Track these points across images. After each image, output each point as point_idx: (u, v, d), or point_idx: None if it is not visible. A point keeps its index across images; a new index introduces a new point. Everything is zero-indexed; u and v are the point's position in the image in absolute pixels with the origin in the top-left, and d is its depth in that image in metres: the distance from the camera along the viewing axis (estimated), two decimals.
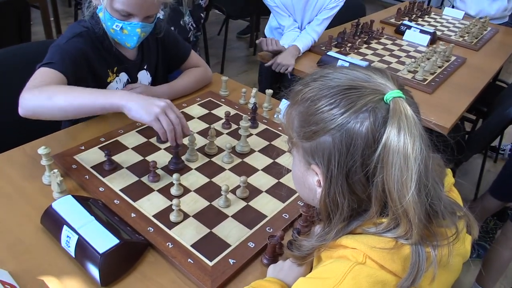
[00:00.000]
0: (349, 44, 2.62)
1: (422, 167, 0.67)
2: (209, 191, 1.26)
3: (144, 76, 1.67)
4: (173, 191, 1.24)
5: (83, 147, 1.38)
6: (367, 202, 0.72)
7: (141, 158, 1.37)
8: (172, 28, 2.34)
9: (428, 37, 2.81)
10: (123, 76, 1.61)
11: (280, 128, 1.60)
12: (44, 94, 1.23)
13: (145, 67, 1.67)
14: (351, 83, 0.72)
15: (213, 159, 1.40)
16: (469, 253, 0.82)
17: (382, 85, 0.71)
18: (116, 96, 1.23)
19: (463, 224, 0.76)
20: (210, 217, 1.18)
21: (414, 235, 0.68)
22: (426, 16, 3.51)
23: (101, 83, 1.54)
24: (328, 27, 2.63)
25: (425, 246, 0.69)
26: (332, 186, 0.73)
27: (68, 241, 1.01)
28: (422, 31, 2.90)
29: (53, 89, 1.25)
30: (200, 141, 1.46)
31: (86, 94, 1.24)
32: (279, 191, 1.29)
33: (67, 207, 1.08)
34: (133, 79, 1.63)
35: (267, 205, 1.24)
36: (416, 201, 0.66)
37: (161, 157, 1.38)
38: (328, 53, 2.34)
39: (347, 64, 2.20)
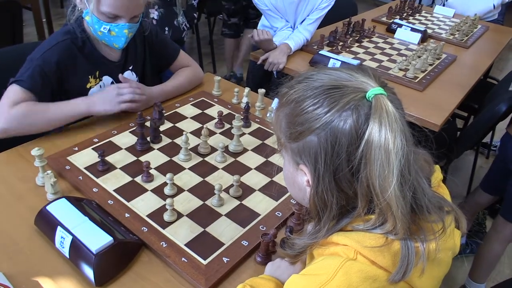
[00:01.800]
0: (341, 43, 2.63)
1: (403, 162, 0.68)
2: (203, 190, 1.27)
3: (129, 77, 1.68)
4: (167, 190, 1.24)
5: (76, 148, 1.39)
6: (355, 199, 0.73)
7: (134, 158, 1.37)
8: (166, 29, 2.34)
9: (419, 35, 2.83)
10: (107, 80, 1.61)
11: (272, 127, 1.61)
12: (25, 123, 1.38)
13: (130, 68, 1.68)
14: (333, 82, 0.73)
15: (206, 159, 1.41)
16: (458, 247, 0.83)
17: (364, 83, 0.73)
18: (82, 107, 1.46)
19: (451, 219, 0.77)
20: (203, 216, 1.18)
21: (399, 230, 0.69)
22: (417, 15, 3.53)
23: (80, 90, 1.55)
24: (320, 26, 2.64)
25: (413, 240, 0.70)
26: (320, 184, 0.74)
27: (62, 242, 1.02)
28: (413, 29, 2.92)
29: (30, 116, 1.38)
30: (193, 140, 1.47)
31: (59, 112, 1.43)
32: (271, 190, 1.30)
33: (61, 208, 1.08)
34: (117, 81, 1.64)
35: (260, 204, 1.25)
36: (398, 195, 0.68)
37: (155, 157, 1.38)
38: (320, 52, 2.35)
39: (338, 63, 2.22)
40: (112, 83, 1.62)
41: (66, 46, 1.48)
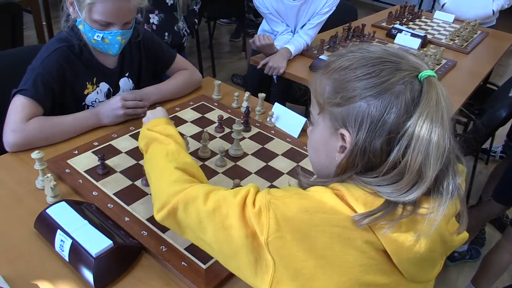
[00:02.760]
0: (340, 48, 2.64)
1: (447, 142, 0.73)
2: None
3: (125, 83, 1.68)
4: None
5: (76, 152, 1.39)
6: (379, 164, 0.76)
7: (134, 162, 1.37)
8: (166, 34, 2.34)
9: (419, 41, 2.84)
10: (104, 86, 1.61)
11: (272, 132, 1.61)
12: (41, 138, 1.40)
13: (126, 74, 1.68)
14: (390, 57, 0.77)
15: (206, 163, 1.41)
16: (454, 242, 0.81)
17: (418, 63, 0.77)
18: (90, 118, 1.51)
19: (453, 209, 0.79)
20: None
21: (414, 195, 0.72)
22: (417, 20, 3.54)
23: (78, 96, 1.56)
24: (320, 31, 2.65)
25: (400, 206, 0.73)
26: (357, 148, 0.76)
27: (62, 245, 1.02)
28: (413, 35, 2.93)
29: (44, 132, 1.41)
30: (193, 144, 1.47)
31: (71, 126, 1.47)
32: None
33: (61, 212, 1.08)
34: (114, 88, 1.65)
35: None
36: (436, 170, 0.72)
37: None
38: (320, 57, 2.36)
39: None
40: (108, 89, 1.63)
41: (64, 53, 1.49)
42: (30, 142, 1.38)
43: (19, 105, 1.39)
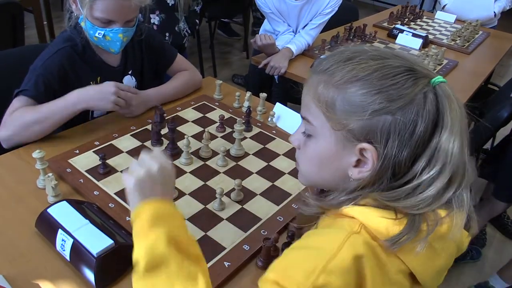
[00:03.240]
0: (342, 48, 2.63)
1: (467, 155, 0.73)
2: (204, 194, 1.27)
3: (129, 81, 1.68)
4: None
5: (77, 151, 1.38)
6: (401, 173, 0.74)
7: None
8: (167, 34, 2.34)
9: (420, 41, 2.84)
10: None
11: (274, 132, 1.61)
12: (21, 127, 1.37)
13: (129, 72, 1.68)
14: (407, 63, 0.74)
15: (208, 163, 1.41)
16: (464, 245, 0.81)
17: (425, 69, 0.75)
18: (74, 102, 1.40)
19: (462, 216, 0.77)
20: (205, 220, 1.18)
21: (434, 204, 0.71)
22: (418, 20, 3.54)
23: None
24: (321, 31, 2.64)
25: (423, 220, 0.71)
26: (385, 163, 0.72)
27: (63, 244, 1.01)
28: (414, 35, 2.92)
29: (25, 119, 1.37)
30: (195, 144, 1.47)
31: (52, 112, 1.39)
32: (273, 194, 1.30)
33: (62, 211, 1.08)
34: None
35: (262, 208, 1.24)
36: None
37: None
38: (321, 57, 2.34)
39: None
40: None
41: (67, 53, 1.49)
42: (14, 132, 1.37)
43: (18, 103, 1.40)
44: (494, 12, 3.62)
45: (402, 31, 2.99)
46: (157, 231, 0.77)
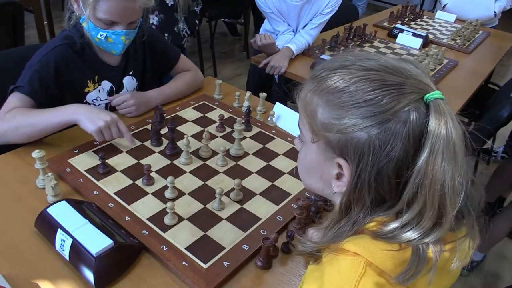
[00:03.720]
0: (342, 48, 2.64)
1: (466, 167, 0.67)
2: (204, 194, 1.27)
3: (129, 82, 1.68)
4: (168, 194, 1.24)
5: (77, 151, 1.38)
6: (392, 199, 0.70)
7: (135, 161, 1.37)
8: (166, 35, 2.34)
9: (420, 40, 2.84)
10: (106, 84, 1.61)
11: (274, 131, 1.61)
12: (10, 127, 1.35)
13: (130, 73, 1.68)
14: (392, 77, 0.68)
15: (207, 162, 1.41)
16: (469, 257, 0.78)
17: (422, 83, 0.68)
18: (68, 113, 1.37)
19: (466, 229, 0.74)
20: (204, 219, 1.18)
21: (435, 235, 0.66)
22: (419, 20, 3.54)
23: (78, 94, 1.55)
24: (321, 31, 2.64)
25: (427, 248, 0.67)
26: (360, 182, 0.69)
27: (63, 244, 1.01)
28: (414, 35, 2.92)
29: (16, 121, 1.36)
30: (194, 144, 1.47)
31: (43, 118, 1.37)
32: (273, 194, 1.30)
33: (62, 211, 1.08)
34: (117, 86, 1.64)
35: (261, 208, 1.24)
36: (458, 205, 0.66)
37: (156, 161, 1.38)
38: (321, 57, 2.35)
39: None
40: (111, 87, 1.62)
41: (63, 50, 1.48)
42: (4, 131, 1.36)
43: (12, 100, 1.40)
44: (495, 12, 3.62)
45: (402, 30, 2.99)
46: None
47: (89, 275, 0.97)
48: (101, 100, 1.60)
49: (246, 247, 1.10)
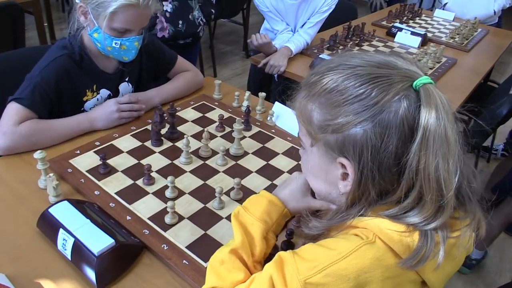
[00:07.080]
0: (341, 47, 2.65)
1: (460, 151, 0.68)
2: (204, 193, 1.28)
3: (125, 88, 1.68)
4: (168, 193, 1.25)
5: (78, 151, 1.39)
6: (394, 187, 0.72)
7: (136, 161, 1.38)
8: (181, 22, 2.30)
9: (419, 39, 2.84)
10: (104, 92, 1.61)
11: (273, 131, 1.62)
12: (32, 141, 1.39)
13: (126, 79, 1.68)
14: (378, 71, 0.69)
15: (207, 162, 1.42)
16: (472, 247, 0.80)
17: (409, 71, 0.70)
18: (85, 126, 1.50)
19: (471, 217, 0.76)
20: (204, 218, 1.19)
21: (440, 219, 0.68)
22: (417, 18, 3.54)
23: (76, 103, 1.56)
24: (320, 30, 2.65)
25: (435, 234, 0.69)
26: (363, 177, 0.71)
27: (64, 244, 1.02)
28: (413, 33, 2.93)
29: (36, 138, 1.40)
30: (194, 144, 1.48)
31: (63, 129, 1.45)
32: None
33: (63, 211, 1.09)
34: (114, 93, 1.64)
35: None
36: (455, 187, 0.68)
37: (156, 160, 1.39)
38: (320, 56, 2.36)
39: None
40: (109, 95, 1.63)
41: (63, 62, 1.48)
42: (20, 145, 1.37)
43: (13, 109, 1.39)
44: (494, 10, 3.63)
45: (400, 29, 2.99)
46: None
47: (91, 274, 0.98)
48: None
49: None
